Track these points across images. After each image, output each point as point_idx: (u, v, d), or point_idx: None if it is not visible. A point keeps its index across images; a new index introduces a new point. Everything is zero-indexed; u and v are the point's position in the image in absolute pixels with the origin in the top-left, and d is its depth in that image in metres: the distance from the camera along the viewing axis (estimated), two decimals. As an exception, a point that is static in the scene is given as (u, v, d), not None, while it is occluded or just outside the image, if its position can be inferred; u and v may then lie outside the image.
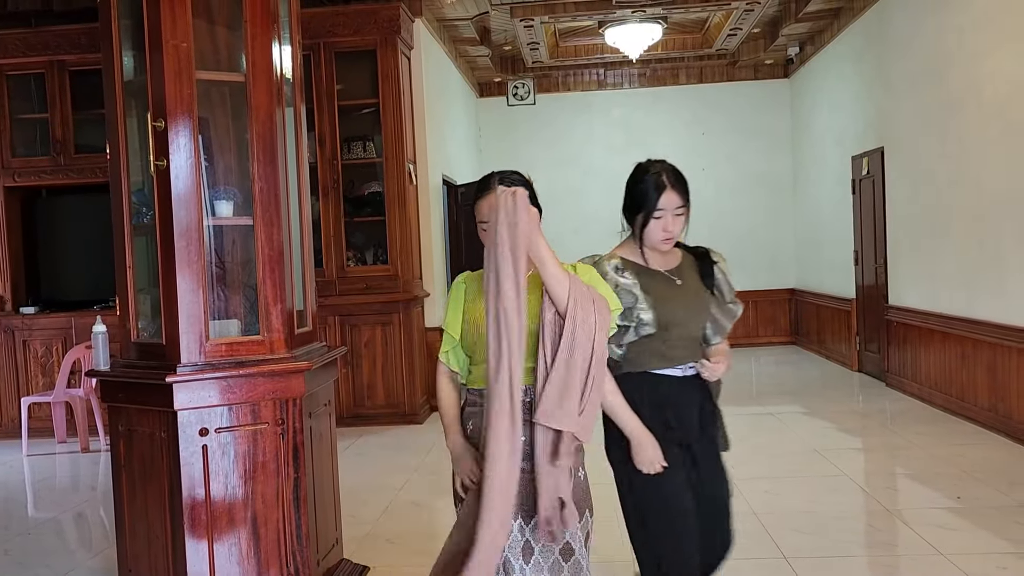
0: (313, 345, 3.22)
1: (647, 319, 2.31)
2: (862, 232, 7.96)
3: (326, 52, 6.46)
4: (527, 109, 10.49)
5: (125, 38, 3.03)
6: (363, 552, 3.76)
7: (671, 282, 2.41)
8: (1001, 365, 5.39)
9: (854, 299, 8.20)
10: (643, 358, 2.35)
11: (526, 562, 2.03)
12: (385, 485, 4.91)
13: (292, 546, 2.94)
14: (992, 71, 5.44)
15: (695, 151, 10.37)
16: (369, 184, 6.71)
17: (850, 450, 5.47)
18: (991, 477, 4.52)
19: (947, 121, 6.08)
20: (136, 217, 3.05)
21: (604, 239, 11.37)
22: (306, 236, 3.26)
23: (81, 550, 4.14)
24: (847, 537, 3.84)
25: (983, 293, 5.63)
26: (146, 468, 2.97)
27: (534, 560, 2.03)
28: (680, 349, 2.37)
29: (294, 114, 3.19)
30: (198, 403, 2.83)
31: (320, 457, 3.22)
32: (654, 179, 2.33)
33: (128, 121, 3.05)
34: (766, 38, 9.38)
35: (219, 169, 3.15)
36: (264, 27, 2.94)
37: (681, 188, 2.36)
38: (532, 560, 2.03)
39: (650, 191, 2.33)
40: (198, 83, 2.88)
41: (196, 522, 2.84)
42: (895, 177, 7.13)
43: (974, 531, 3.77)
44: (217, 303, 3.07)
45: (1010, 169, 5.24)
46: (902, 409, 6.45)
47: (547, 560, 2.03)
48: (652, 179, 2.33)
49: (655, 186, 2.32)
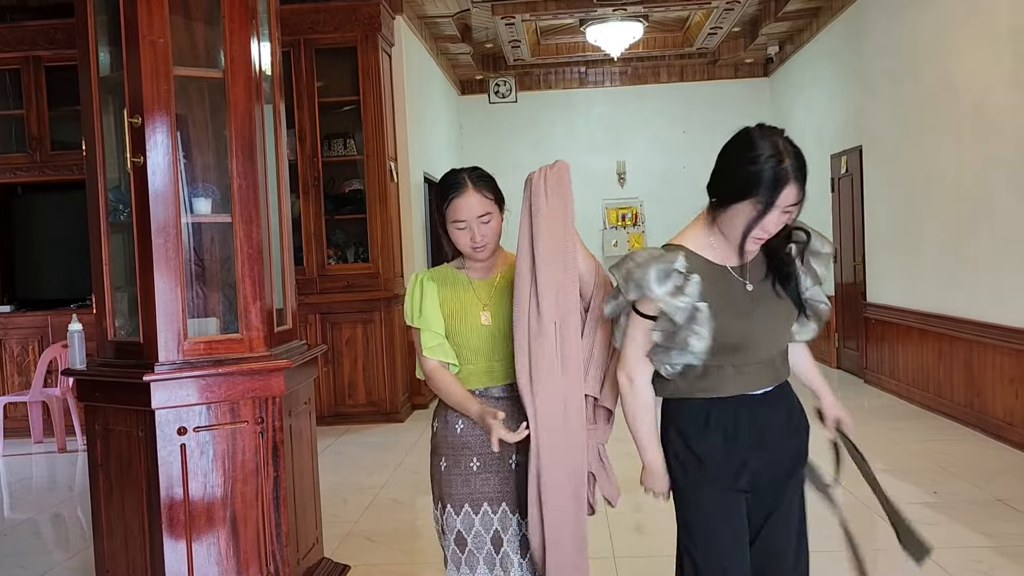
0: (293, 343, 3.20)
1: (698, 348, 1.79)
2: (841, 230, 8.03)
3: (306, 49, 6.42)
4: (508, 107, 10.49)
5: (101, 33, 2.99)
6: (344, 551, 3.75)
7: (741, 287, 1.86)
8: (977, 361, 5.46)
9: (833, 296, 8.28)
10: (696, 383, 1.88)
11: (523, 556, 2.04)
12: (366, 484, 4.90)
13: (272, 545, 2.93)
14: (966, 70, 5.50)
15: (676, 150, 10.42)
16: (350, 182, 6.68)
17: (828, 446, 5.50)
18: (967, 472, 4.58)
19: (923, 120, 6.15)
20: (113, 214, 3.02)
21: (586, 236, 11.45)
22: (286, 234, 3.24)
23: (58, 550, 4.10)
24: (825, 532, 3.86)
25: (959, 290, 5.70)
26: (123, 468, 2.94)
27: (529, 554, 2.04)
28: (750, 376, 1.89)
29: (273, 111, 3.17)
30: (176, 402, 2.81)
31: (300, 456, 3.21)
32: (774, 166, 1.73)
33: (105, 118, 3.01)
34: (746, 37, 9.43)
35: (197, 166, 3.12)
36: (242, 23, 2.92)
37: (803, 178, 1.77)
38: (528, 554, 2.04)
39: (768, 179, 1.73)
40: (176, 79, 2.85)
41: (174, 522, 2.82)
42: (873, 175, 7.19)
43: (950, 525, 3.82)
44: (195, 301, 3.05)
45: (984, 167, 5.31)
46: (880, 405, 6.51)
47: None
48: (771, 165, 1.73)
49: (776, 178, 1.73)
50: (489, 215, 2.07)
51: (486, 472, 2.05)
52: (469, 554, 2.06)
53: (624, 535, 3.86)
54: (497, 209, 2.09)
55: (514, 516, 2.05)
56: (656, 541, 3.87)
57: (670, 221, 10.46)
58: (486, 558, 2.05)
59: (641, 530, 3.98)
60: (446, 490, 2.09)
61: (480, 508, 2.05)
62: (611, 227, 10.27)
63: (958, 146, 5.65)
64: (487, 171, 2.14)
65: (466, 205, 2.05)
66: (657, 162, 10.44)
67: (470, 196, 2.05)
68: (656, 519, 4.12)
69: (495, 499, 2.05)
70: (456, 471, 2.08)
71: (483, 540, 2.06)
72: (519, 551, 2.05)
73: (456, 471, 2.08)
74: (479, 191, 2.06)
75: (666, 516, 2.13)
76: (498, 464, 2.05)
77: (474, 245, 2.07)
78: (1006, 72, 5.03)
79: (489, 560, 2.05)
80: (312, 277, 6.46)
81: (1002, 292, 5.14)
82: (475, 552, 2.06)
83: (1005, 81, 5.05)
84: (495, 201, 2.09)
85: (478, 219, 2.05)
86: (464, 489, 2.06)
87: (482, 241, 2.06)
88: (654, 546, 3.79)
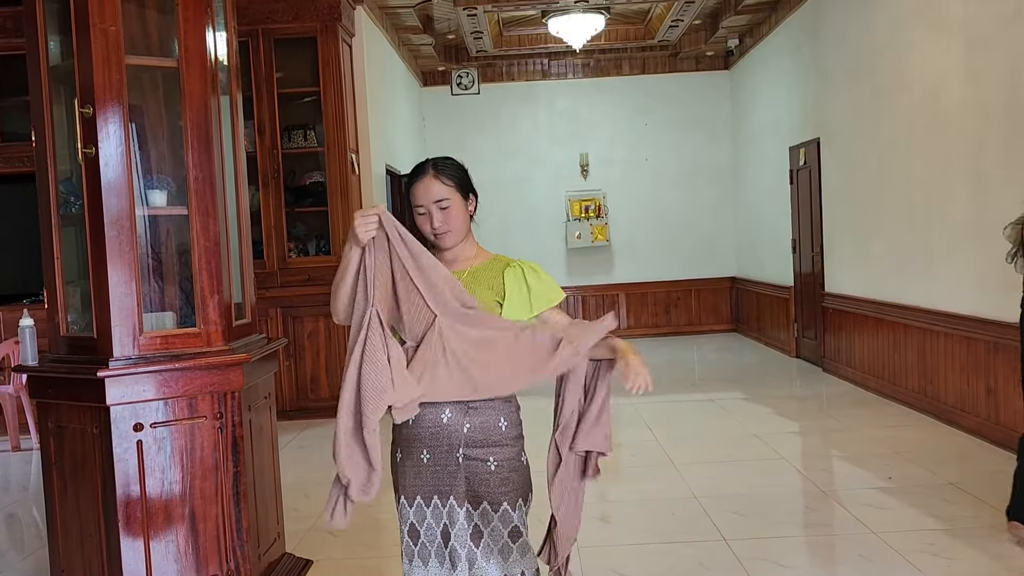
0: (252, 337, 3.17)
1: None
2: (799, 221, 8.15)
3: (265, 39, 6.33)
4: (471, 99, 10.46)
5: (51, 21, 2.92)
6: (306, 546, 3.72)
7: None
8: (930, 349, 5.59)
9: (792, 287, 8.40)
10: None
11: (476, 546, 2.04)
12: (328, 478, 4.82)
13: (232, 542, 2.90)
14: (920, 63, 5.61)
15: (638, 142, 10.48)
16: (311, 174, 6.61)
17: (787, 434, 5.61)
18: (920, 457, 4.69)
19: (878, 112, 6.26)
20: (64, 207, 2.95)
21: (549, 228, 11.46)
22: (244, 226, 3.20)
23: (12, 551, 4.01)
24: (784, 518, 3.94)
25: (913, 279, 5.82)
26: (78, 466, 2.89)
27: (483, 543, 2.04)
28: None
29: (230, 101, 3.13)
30: (132, 398, 2.76)
31: (260, 451, 3.18)
32: None
33: (56, 108, 2.94)
34: (707, 30, 9.51)
35: (152, 158, 3.07)
36: (197, 11, 2.87)
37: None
38: (482, 543, 2.04)
39: None
40: (128, 68, 2.80)
41: (131, 520, 2.78)
42: (830, 167, 7.31)
43: (904, 509, 3.91)
44: (151, 295, 3.00)
45: (936, 159, 5.42)
46: (838, 393, 6.64)
47: (496, 543, 2.04)
48: None
49: None
50: (447, 200, 2.07)
51: (435, 464, 2.05)
52: (422, 547, 2.07)
53: (589, 526, 3.88)
54: (459, 196, 2.09)
55: (461, 509, 2.05)
56: (620, 531, 3.91)
57: (633, 212, 10.56)
58: (437, 551, 2.06)
59: (607, 520, 4.02)
60: (401, 481, 2.10)
61: (431, 500, 2.06)
62: (575, 219, 10.30)
63: (912, 138, 5.77)
64: (459, 161, 2.15)
65: (423, 189, 2.07)
66: (620, 154, 10.49)
67: (428, 181, 2.07)
68: (620, 509, 4.16)
69: (444, 492, 2.05)
70: (409, 463, 2.08)
71: (434, 533, 2.06)
72: (467, 544, 2.05)
73: (409, 463, 2.08)
74: (439, 177, 2.07)
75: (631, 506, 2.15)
76: (447, 457, 2.04)
77: (434, 231, 2.08)
78: (958, 64, 5.14)
79: (439, 554, 2.06)
80: (273, 270, 6.38)
81: (954, 281, 5.26)
82: (427, 545, 2.06)
83: (957, 73, 5.15)
84: (457, 188, 2.09)
85: (435, 204, 2.06)
86: (416, 481, 2.07)
87: (441, 227, 2.07)
88: (618, 535, 3.82)
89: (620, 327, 10.44)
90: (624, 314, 10.51)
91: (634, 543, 3.69)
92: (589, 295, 10.44)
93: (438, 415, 2.04)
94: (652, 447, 5.22)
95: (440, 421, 2.04)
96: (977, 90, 4.95)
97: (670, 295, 10.57)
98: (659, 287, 10.53)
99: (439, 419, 2.04)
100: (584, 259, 10.42)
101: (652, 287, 10.53)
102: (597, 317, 2.06)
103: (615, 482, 4.62)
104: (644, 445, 5.29)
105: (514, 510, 2.05)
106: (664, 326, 10.54)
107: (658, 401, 6.67)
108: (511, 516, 2.05)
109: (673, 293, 10.57)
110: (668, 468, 4.72)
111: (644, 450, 5.17)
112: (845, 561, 3.40)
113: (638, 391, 1.98)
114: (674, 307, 10.58)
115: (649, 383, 1.98)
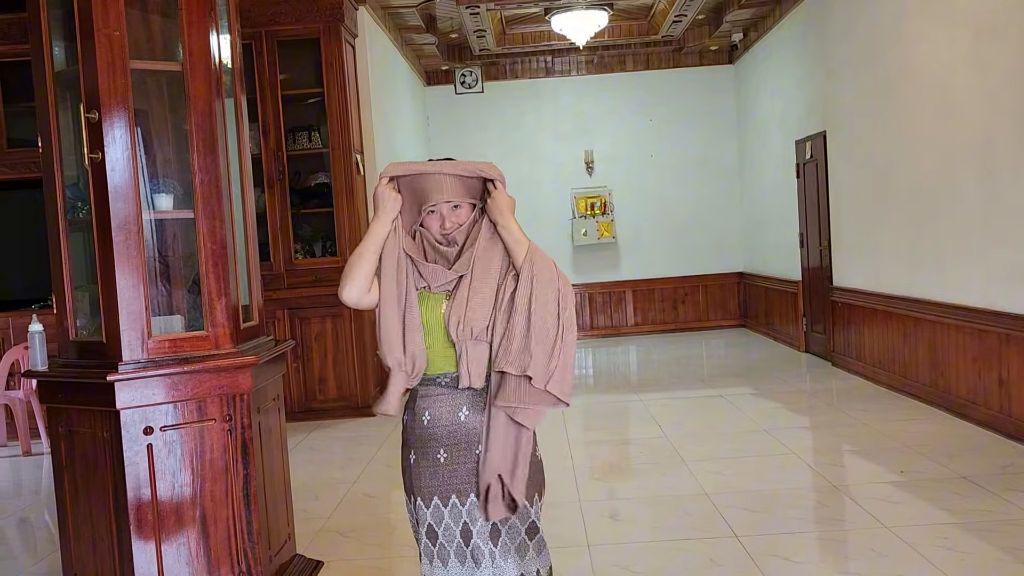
0: (260, 339, 3.17)
1: None
2: (807, 215, 8.12)
3: (268, 41, 6.34)
4: (475, 97, 10.45)
5: (55, 27, 2.93)
6: (317, 547, 3.73)
7: None
8: (940, 342, 5.56)
9: (800, 281, 8.37)
10: None
11: (494, 545, 2.04)
12: (338, 479, 4.87)
13: (243, 544, 2.90)
14: (926, 55, 5.58)
15: (643, 138, 10.45)
16: (316, 175, 6.61)
17: (798, 429, 5.59)
18: (932, 451, 4.66)
19: (885, 105, 6.23)
20: (71, 212, 2.96)
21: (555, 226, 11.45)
22: (250, 229, 3.20)
23: (25, 555, 4.03)
24: (795, 514, 3.93)
25: (922, 272, 5.79)
26: (89, 469, 2.90)
27: (501, 542, 2.05)
28: None
29: (235, 104, 3.13)
30: (142, 401, 2.76)
31: (270, 452, 3.18)
32: None
33: (62, 114, 2.96)
34: (710, 24, 9.48)
35: (158, 162, 3.07)
36: (200, 15, 2.87)
37: None
38: (500, 542, 2.05)
39: None
40: (133, 73, 2.80)
41: (142, 523, 2.78)
42: (837, 160, 7.28)
43: (917, 503, 3.89)
44: (159, 299, 3.00)
45: (944, 150, 5.39)
46: (847, 387, 6.61)
47: (514, 541, 2.06)
48: None
49: None
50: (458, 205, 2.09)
51: (453, 464, 2.05)
52: (440, 547, 2.06)
53: (598, 523, 3.88)
54: (467, 204, 2.09)
55: None
56: (629, 528, 3.90)
57: (639, 208, 10.54)
58: (456, 551, 2.05)
59: (616, 517, 4.01)
60: (416, 483, 2.09)
61: (449, 500, 2.05)
62: (580, 216, 10.28)
63: (919, 129, 5.73)
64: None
65: (436, 186, 2.07)
66: (624, 150, 10.47)
67: (443, 180, 2.07)
68: (630, 506, 4.15)
69: (463, 491, 2.05)
70: (424, 463, 2.07)
71: (453, 533, 2.06)
72: (489, 541, 2.05)
73: (424, 463, 2.07)
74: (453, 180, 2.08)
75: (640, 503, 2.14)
76: (465, 455, 2.04)
77: (444, 231, 2.09)
78: (964, 54, 5.11)
79: (460, 553, 2.05)
80: (279, 272, 6.39)
81: (964, 273, 5.23)
82: (446, 545, 2.06)
83: (963, 63, 5.12)
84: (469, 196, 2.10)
85: (447, 203, 2.07)
86: (432, 481, 2.06)
87: (451, 228, 2.08)
88: (628, 532, 3.82)
89: (628, 324, 10.46)
90: (632, 311, 10.49)
91: (644, 540, 3.68)
92: (596, 292, 10.42)
93: (455, 414, 2.05)
94: (661, 443, 5.20)
95: (458, 419, 2.05)
96: (985, 80, 4.91)
97: (677, 291, 10.54)
98: (666, 283, 10.51)
99: (456, 417, 2.05)
100: (590, 256, 10.40)
101: (659, 283, 10.50)
102: (604, 314, 2.05)
103: (624, 479, 4.61)
104: (653, 441, 5.28)
105: (531, 505, 2.08)
106: (672, 322, 10.52)
107: (667, 397, 6.66)
108: (528, 512, 2.08)
109: (680, 289, 10.54)
110: (678, 464, 4.71)
111: (653, 446, 5.17)
112: (857, 556, 3.38)
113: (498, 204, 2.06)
114: (682, 303, 10.56)
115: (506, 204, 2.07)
